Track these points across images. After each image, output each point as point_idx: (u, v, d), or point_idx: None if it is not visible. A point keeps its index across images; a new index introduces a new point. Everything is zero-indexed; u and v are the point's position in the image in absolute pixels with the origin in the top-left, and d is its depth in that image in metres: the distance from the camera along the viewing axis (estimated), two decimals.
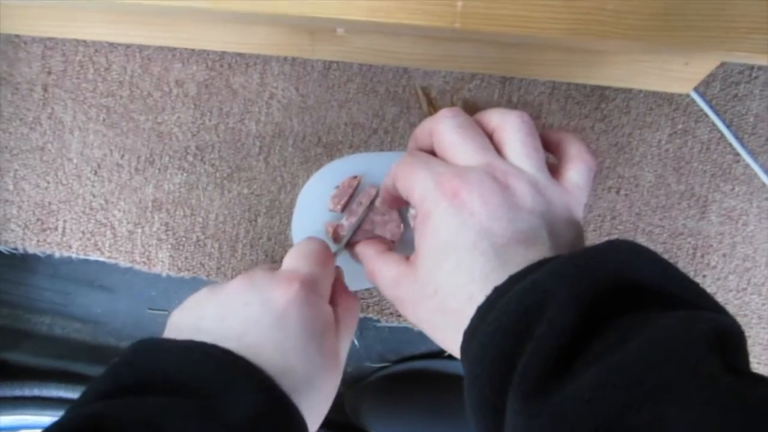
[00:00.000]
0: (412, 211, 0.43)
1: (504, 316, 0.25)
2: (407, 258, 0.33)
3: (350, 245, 0.42)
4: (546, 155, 0.32)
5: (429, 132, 0.32)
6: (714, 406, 0.19)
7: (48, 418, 0.49)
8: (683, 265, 0.48)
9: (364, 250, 0.38)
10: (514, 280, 0.26)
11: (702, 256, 0.48)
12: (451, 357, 0.51)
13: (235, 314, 0.31)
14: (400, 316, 0.49)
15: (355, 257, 0.42)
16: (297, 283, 0.32)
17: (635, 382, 0.21)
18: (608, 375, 0.21)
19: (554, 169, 0.32)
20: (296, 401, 0.30)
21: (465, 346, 0.28)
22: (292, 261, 0.34)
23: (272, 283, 0.32)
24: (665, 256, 0.47)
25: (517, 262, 0.27)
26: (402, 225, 0.43)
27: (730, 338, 0.22)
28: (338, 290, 0.36)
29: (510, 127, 0.31)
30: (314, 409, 0.32)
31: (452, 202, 0.29)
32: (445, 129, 0.31)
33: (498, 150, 0.31)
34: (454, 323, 0.29)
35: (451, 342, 0.29)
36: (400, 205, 0.39)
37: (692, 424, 0.19)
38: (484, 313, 0.27)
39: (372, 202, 0.43)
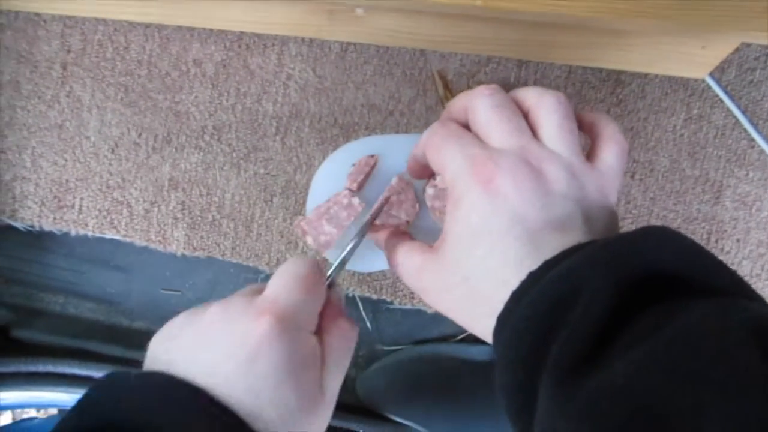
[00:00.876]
0: (429, 191, 0.43)
1: (538, 301, 0.25)
2: (430, 246, 0.33)
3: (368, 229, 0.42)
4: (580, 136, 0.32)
5: (464, 107, 0.32)
6: (751, 396, 0.19)
7: (62, 394, 0.49)
8: None
9: (386, 240, 0.37)
10: (548, 265, 0.26)
11: (716, 241, 0.48)
12: (463, 341, 0.51)
13: (207, 348, 0.30)
14: (413, 297, 0.49)
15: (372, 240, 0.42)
16: (270, 317, 0.29)
17: (671, 369, 0.20)
18: (643, 361, 0.21)
19: (587, 151, 0.32)
20: None
21: (498, 331, 0.28)
22: (273, 287, 0.32)
23: (246, 316, 0.30)
24: None
25: (552, 247, 0.27)
26: (417, 204, 0.43)
27: (767, 327, 0.22)
28: (330, 316, 0.34)
29: (546, 108, 0.30)
30: None
31: (486, 188, 0.28)
32: (481, 106, 0.31)
33: (533, 130, 0.31)
34: (485, 309, 0.28)
35: (482, 327, 0.29)
36: (426, 175, 0.38)
37: (728, 413, 0.19)
38: (518, 298, 0.27)
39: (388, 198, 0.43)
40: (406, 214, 0.43)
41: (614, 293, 0.24)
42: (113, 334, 0.53)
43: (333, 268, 0.36)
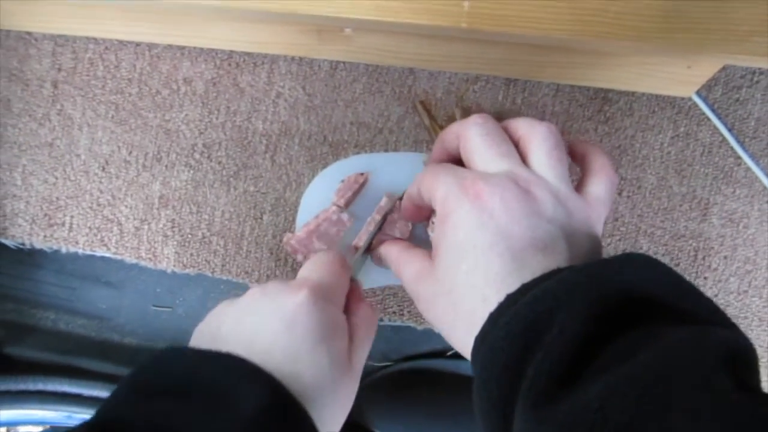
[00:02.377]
0: (431, 233, 0.43)
1: (514, 322, 0.26)
2: (430, 255, 0.34)
3: (368, 250, 0.43)
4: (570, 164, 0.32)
5: (456, 135, 0.33)
6: (723, 422, 0.19)
7: (52, 412, 0.49)
8: (684, 267, 0.48)
9: (389, 249, 0.39)
10: (525, 288, 0.27)
11: (703, 258, 0.48)
12: (454, 356, 0.51)
13: (247, 322, 0.32)
14: (403, 314, 0.49)
15: (373, 259, 0.43)
16: (305, 289, 0.32)
17: (644, 394, 0.21)
18: (618, 385, 0.21)
19: (577, 182, 0.33)
20: (306, 405, 0.30)
21: (475, 351, 0.28)
22: (304, 271, 0.36)
23: (282, 290, 0.33)
24: (666, 259, 0.48)
25: (533, 268, 0.28)
26: (410, 224, 0.43)
27: (741, 355, 0.23)
28: (354, 300, 0.37)
29: (537, 137, 0.31)
30: (326, 414, 0.32)
31: (474, 204, 0.29)
32: (472, 134, 0.32)
33: (523, 158, 0.32)
34: (465, 324, 0.29)
35: (462, 343, 0.30)
36: (422, 217, 0.39)
37: None
38: (495, 319, 0.27)
39: (385, 216, 0.44)
40: (401, 233, 0.43)
41: (590, 316, 0.24)
42: (104, 350, 0.53)
43: (354, 260, 0.41)
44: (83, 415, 0.49)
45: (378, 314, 0.37)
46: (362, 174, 0.45)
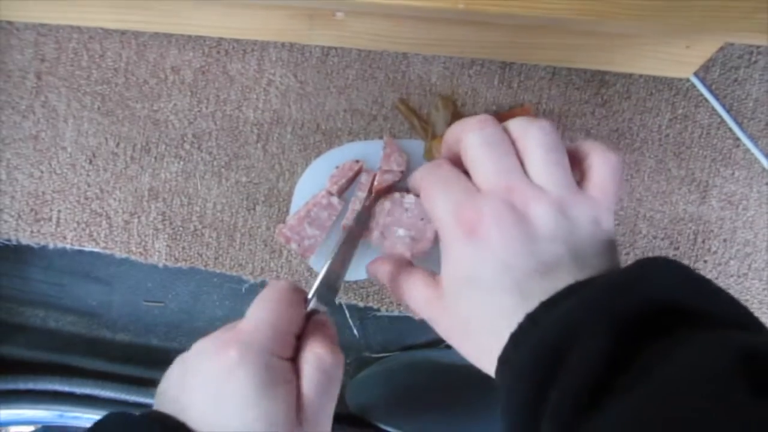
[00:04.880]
0: None
1: (538, 346, 0.25)
2: (434, 276, 0.33)
3: (360, 233, 0.42)
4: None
5: (457, 138, 0.32)
6: None
7: (42, 411, 0.48)
8: (684, 251, 0.48)
9: (381, 268, 0.37)
10: (545, 306, 0.27)
11: (703, 241, 0.48)
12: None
13: (185, 385, 0.31)
14: (400, 305, 0.48)
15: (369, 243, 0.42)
16: (233, 348, 0.30)
17: (665, 415, 0.21)
18: (640, 407, 0.21)
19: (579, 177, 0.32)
20: None
21: (499, 374, 0.28)
22: (248, 313, 0.33)
23: (212, 351, 0.31)
24: (666, 242, 0.48)
25: (542, 293, 0.27)
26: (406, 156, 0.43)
27: (762, 359, 0.22)
28: (310, 342, 0.33)
29: (530, 142, 0.30)
30: None
31: (470, 238, 0.29)
32: (471, 143, 0.30)
33: (522, 162, 0.30)
34: (483, 350, 0.29)
35: (486, 364, 0.30)
36: None
37: None
38: (516, 341, 0.27)
39: (370, 191, 0.43)
40: (397, 164, 0.43)
41: (611, 335, 0.24)
42: (95, 348, 0.52)
43: (314, 288, 0.36)
44: (75, 413, 0.48)
45: (339, 358, 0.33)
46: (357, 161, 0.44)
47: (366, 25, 0.44)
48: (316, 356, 0.32)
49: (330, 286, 0.37)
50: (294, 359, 0.32)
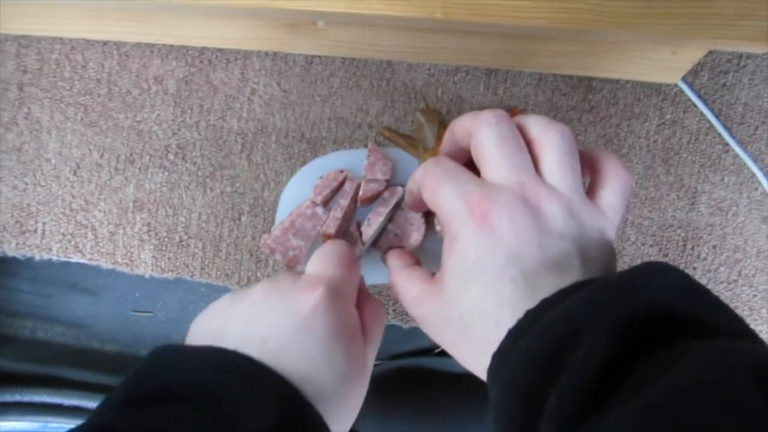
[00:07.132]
0: (438, 226, 0.42)
1: (538, 343, 0.25)
2: (433, 274, 0.33)
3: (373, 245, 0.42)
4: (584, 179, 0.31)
5: (467, 132, 0.31)
6: None
7: (30, 423, 0.48)
8: (673, 257, 0.48)
9: (391, 261, 0.37)
10: (546, 303, 0.26)
11: (692, 248, 0.48)
12: (441, 354, 0.50)
13: (259, 319, 0.30)
14: (388, 313, 0.48)
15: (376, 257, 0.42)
16: (321, 288, 0.31)
17: (676, 417, 0.20)
18: (646, 410, 0.21)
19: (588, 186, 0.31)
20: (320, 409, 0.29)
21: (493, 370, 0.27)
22: (315, 266, 0.33)
23: (297, 288, 0.31)
24: (654, 249, 0.47)
25: (548, 288, 0.27)
26: (424, 226, 0.43)
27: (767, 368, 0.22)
28: (363, 295, 0.35)
29: (549, 143, 0.30)
30: (339, 417, 0.30)
31: (481, 226, 0.28)
32: (485, 138, 0.30)
33: (534, 161, 0.30)
34: (480, 346, 0.28)
35: (476, 364, 0.29)
36: (424, 209, 0.37)
37: None
38: (515, 337, 0.26)
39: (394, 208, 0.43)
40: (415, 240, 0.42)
41: (616, 337, 0.23)
42: (84, 358, 0.52)
43: (361, 251, 0.39)
44: (61, 425, 0.47)
45: (385, 309, 0.35)
46: (342, 171, 0.44)
47: (348, 34, 0.43)
48: (374, 306, 0.35)
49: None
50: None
